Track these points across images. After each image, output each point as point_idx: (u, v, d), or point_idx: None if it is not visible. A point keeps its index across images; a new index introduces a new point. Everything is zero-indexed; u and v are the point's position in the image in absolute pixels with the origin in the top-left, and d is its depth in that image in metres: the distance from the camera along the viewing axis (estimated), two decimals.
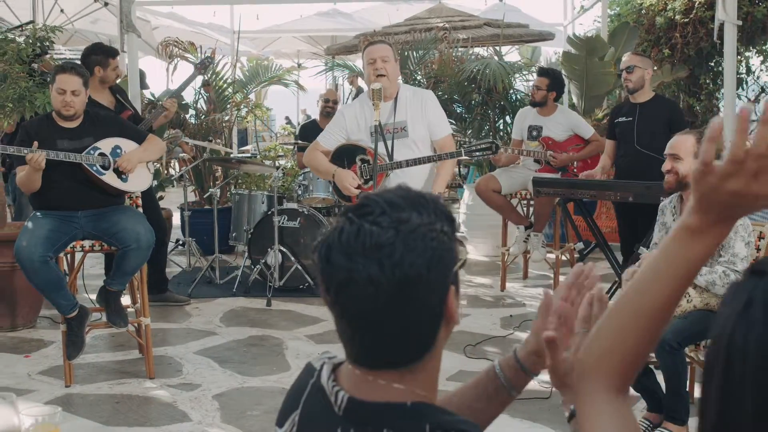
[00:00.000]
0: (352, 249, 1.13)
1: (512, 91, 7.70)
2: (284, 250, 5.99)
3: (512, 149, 6.11)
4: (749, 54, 8.44)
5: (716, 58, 7.96)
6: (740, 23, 6.12)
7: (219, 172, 8.07)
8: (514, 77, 7.77)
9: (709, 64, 8.16)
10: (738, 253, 3.32)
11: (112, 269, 4.30)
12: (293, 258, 6.01)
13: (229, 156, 7.22)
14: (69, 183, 4.17)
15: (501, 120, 7.86)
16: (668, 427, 3.38)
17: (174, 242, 7.15)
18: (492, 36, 8.99)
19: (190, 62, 7.78)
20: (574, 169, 5.98)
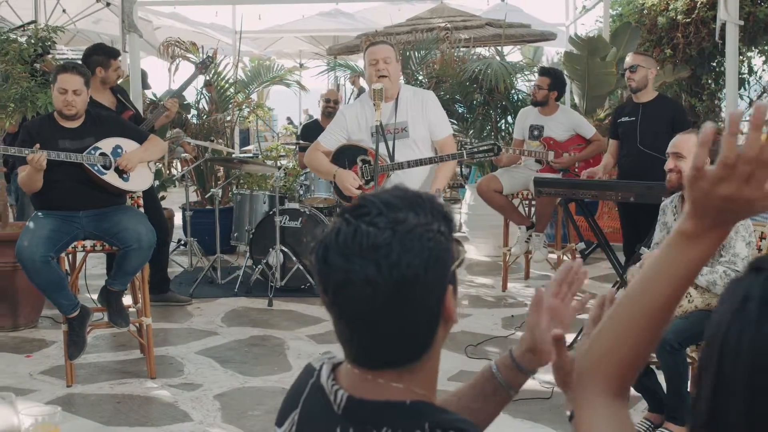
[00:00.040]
0: (349, 250, 1.13)
1: (514, 92, 7.70)
2: (286, 250, 5.99)
3: (513, 149, 6.10)
4: (751, 54, 8.42)
5: (718, 58, 7.94)
6: (742, 23, 6.12)
7: (221, 172, 8.08)
8: (516, 77, 7.77)
9: (711, 64, 8.14)
10: (739, 253, 3.31)
11: (113, 269, 4.30)
12: (295, 258, 6.01)
13: (231, 156, 7.21)
14: (70, 183, 4.17)
15: (503, 120, 7.86)
16: (669, 428, 3.39)
17: (176, 242, 7.16)
18: (494, 36, 8.99)
19: (192, 62, 7.78)
20: (576, 169, 5.97)
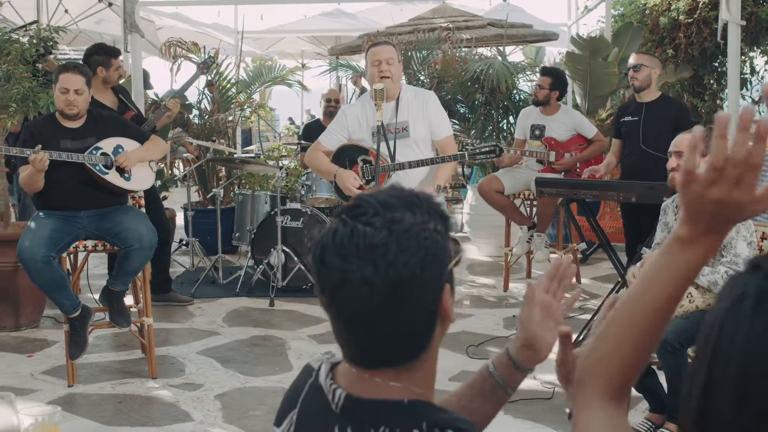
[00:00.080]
0: (346, 250, 1.13)
1: (516, 92, 7.70)
2: (287, 250, 5.99)
3: (515, 150, 6.10)
4: (753, 54, 8.40)
5: (720, 58, 7.93)
6: (744, 23, 6.11)
7: (222, 172, 8.09)
8: (518, 77, 7.77)
9: (713, 65, 8.13)
10: (740, 254, 3.31)
11: (115, 269, 4.30)
12: (296, 258, 6.01)
13: (233, 156, 7.22)
14: (72, 183, 4.18)
15: (504, 120, 7.86)
16: (670, 428, 3.39)
17: (177, 242, 7.16)
18: (496, 36, 8.99)
19: (194, 62, 7.79)
20: (577, 170, 5.96)
